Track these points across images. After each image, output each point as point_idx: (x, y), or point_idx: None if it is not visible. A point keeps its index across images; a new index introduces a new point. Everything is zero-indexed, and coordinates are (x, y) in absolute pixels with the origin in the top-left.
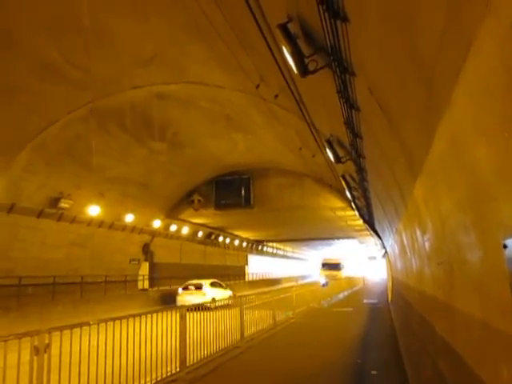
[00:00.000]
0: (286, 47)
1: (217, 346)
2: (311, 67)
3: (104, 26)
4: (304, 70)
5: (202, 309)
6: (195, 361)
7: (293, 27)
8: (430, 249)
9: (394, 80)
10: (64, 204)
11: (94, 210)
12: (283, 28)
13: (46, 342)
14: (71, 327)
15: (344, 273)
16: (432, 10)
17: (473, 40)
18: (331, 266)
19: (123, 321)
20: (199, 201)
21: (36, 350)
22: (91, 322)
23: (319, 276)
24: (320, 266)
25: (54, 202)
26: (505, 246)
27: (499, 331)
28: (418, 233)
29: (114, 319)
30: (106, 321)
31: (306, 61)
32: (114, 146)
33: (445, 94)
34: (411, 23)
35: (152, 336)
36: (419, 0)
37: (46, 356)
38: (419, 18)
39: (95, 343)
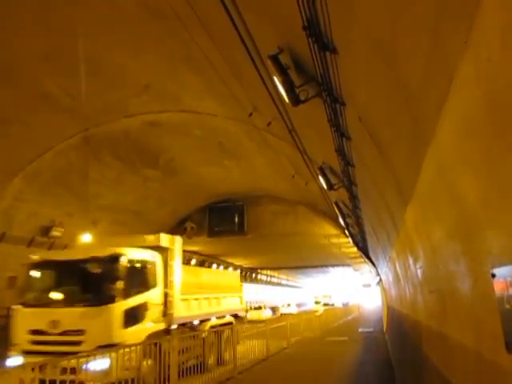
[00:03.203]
0: (277, 77)
1: (209, 375)
2: (302, 97)
3: (98, 55)
4: (295, 100)
5: None
6: None
7: (284, 58)
8: (423, 277)
9: (382, 110)
10: (55, 232)
11: (85, 238)
12: (274, 59)
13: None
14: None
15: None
16: (415, 43)
17: (455, 72)
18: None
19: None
20: (192, 228)
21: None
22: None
23: None
24: None
25: (46, 230)
26: (493, 276)
27: (491, 362)
28: (411, 261)
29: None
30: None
31: (297, 90)
32: (107, 174)
33: (430, 124)
34: (396, 56)
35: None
36: (403, 34)
37: None
38: (403, 51)
39: None
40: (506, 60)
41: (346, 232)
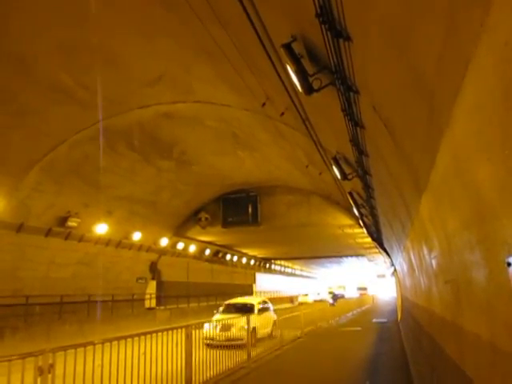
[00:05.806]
0: (290, 66)
1: (223, 365)
2: (315, 85)
3: (112, 46)
4: (308, 88)
5: None
6: (201, 381)
7: (297, 47)
8: (437, 267)
9: (396, 98)
10: (72, 223)
11: (101, 229)
12: (287, 47)
13: (50, 362)
14: (75, 347)
15: None
16: (430, 30)
17: (470, 58)
18: None
19: (128, 340)
20: (206, 218)
21: (40, 371)
22: (96, 342)
23: None
24: None
25: (62, 220)
26: (509, 264)
27: (507, 353)
28: (425, 250)
29: (118, 338)
30: (110, 340)
31: (311, 79)
32: (122, 165)
33: (445, 113)
34: (410, 43)
35: (157, 356)
36: (417, 21)
37: (49, 376)
38: (418, 38)
39: (100, 363)
40: None
41: (360, 222)
